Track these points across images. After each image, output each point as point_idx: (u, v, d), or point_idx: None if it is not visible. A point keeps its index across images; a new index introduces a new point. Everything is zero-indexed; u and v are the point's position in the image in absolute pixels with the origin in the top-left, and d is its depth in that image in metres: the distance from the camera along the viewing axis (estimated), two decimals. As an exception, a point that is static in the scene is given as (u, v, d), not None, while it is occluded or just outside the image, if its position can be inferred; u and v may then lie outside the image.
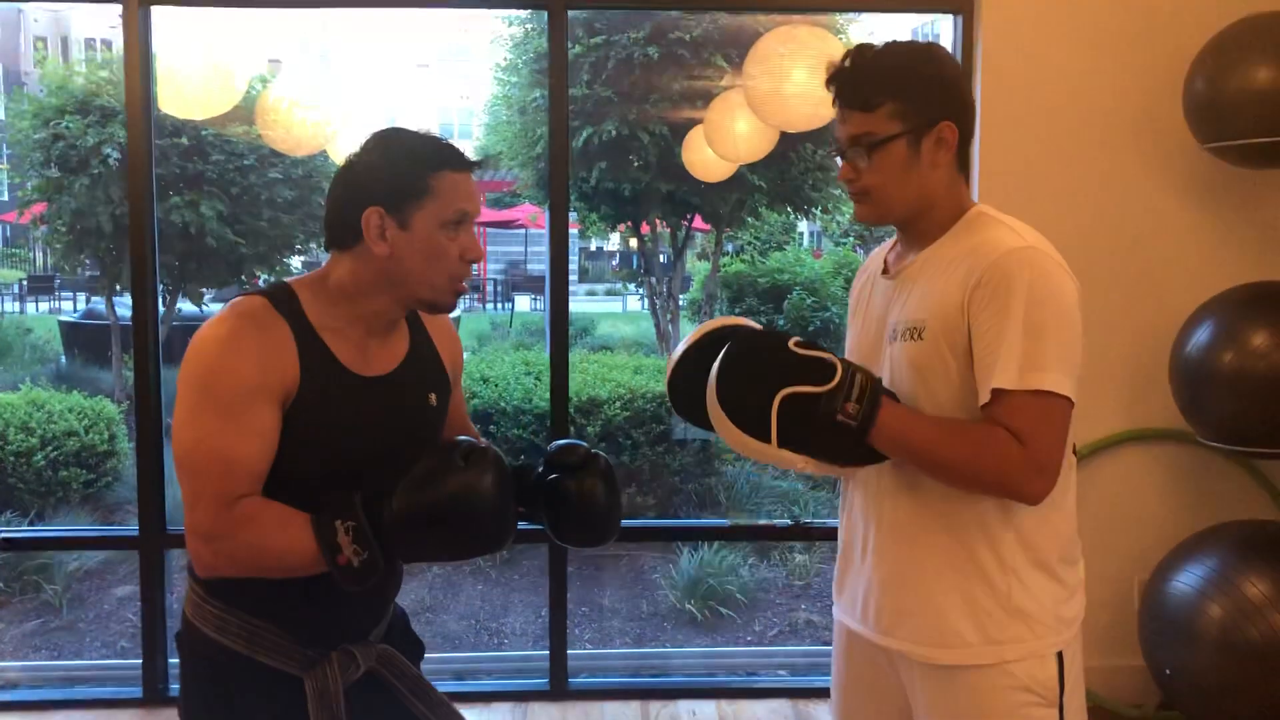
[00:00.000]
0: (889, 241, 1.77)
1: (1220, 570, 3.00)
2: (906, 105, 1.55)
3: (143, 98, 3.36)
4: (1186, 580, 3.04)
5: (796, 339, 1.48)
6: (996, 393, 1.46)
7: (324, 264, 1.60)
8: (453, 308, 1.60)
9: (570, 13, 3.41)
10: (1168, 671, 3.07)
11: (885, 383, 1.58)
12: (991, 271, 1.49)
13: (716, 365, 1.49)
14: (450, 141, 1.57)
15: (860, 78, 1.57)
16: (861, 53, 1.59)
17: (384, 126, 1.60)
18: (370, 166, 1.53)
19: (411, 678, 1.69)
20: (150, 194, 3.42)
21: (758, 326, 1.64)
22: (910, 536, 1.59)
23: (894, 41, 1.61)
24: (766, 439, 1.44)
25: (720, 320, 1.68)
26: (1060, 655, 1.57)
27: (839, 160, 1.62)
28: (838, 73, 1.59)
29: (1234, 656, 2.90)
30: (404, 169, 1.51)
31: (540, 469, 1.65)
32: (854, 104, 1.57)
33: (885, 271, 1.69)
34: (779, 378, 1.44)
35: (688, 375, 1.63)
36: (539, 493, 1.63)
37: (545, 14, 3.45)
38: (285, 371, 1.48)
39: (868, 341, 1.68)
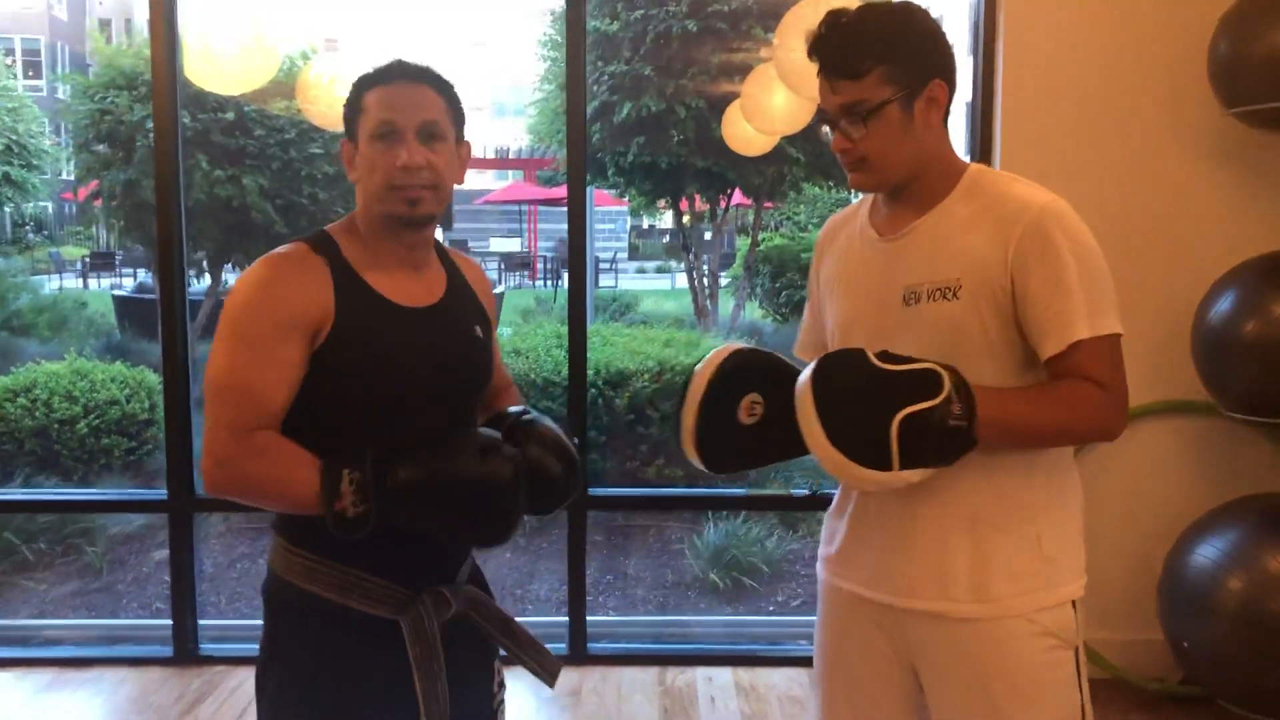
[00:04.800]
0: (852, 208, 1.75)
1: (1241, 544, 2.96)
2: (896, 68, 1.52)
3: (169, 74, 3.42)
4: (1207, 553, 3.00)
5: (876, 353, 1.44)
6: (1075, 344, 1.48)
7: None
8: (415, 220, 1.59)
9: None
10: (1185, 645, 3.03)
11: (909, 345, 1.54)
12: (1032, 229, 1.50)
13: (809, 404, 1.42)
14: (396, 61, 1.61)
15: (844, 45, 1.54)
16: (838, 19, 1.55)
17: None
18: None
19: (500, 619, 1.71)
20: (177, 169, 3.48)
21: (753, 349, 1.62)
22: (932, 496, 1.57)
23: (869, 4, 1.58)
24: (888, 466, 1.39)
25: (716, 356, 1.60)
26: (1074, 604, 1.61)
27: (827, 131, 1.59)
28: (818, 42, 1.56)
29: (1253, 630, 2.86)
30: (351, 96, 1.60)
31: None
32: (842, 72, 1.53)
33: (880, 235, 1.65)
34: (889, 401, 1.39)
35: (714, 421, 1.57)
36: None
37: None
38: (317, 306, 1.52)
39: (868, 307, 1.63)
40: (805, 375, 1.46)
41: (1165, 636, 3.12)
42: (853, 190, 1.76)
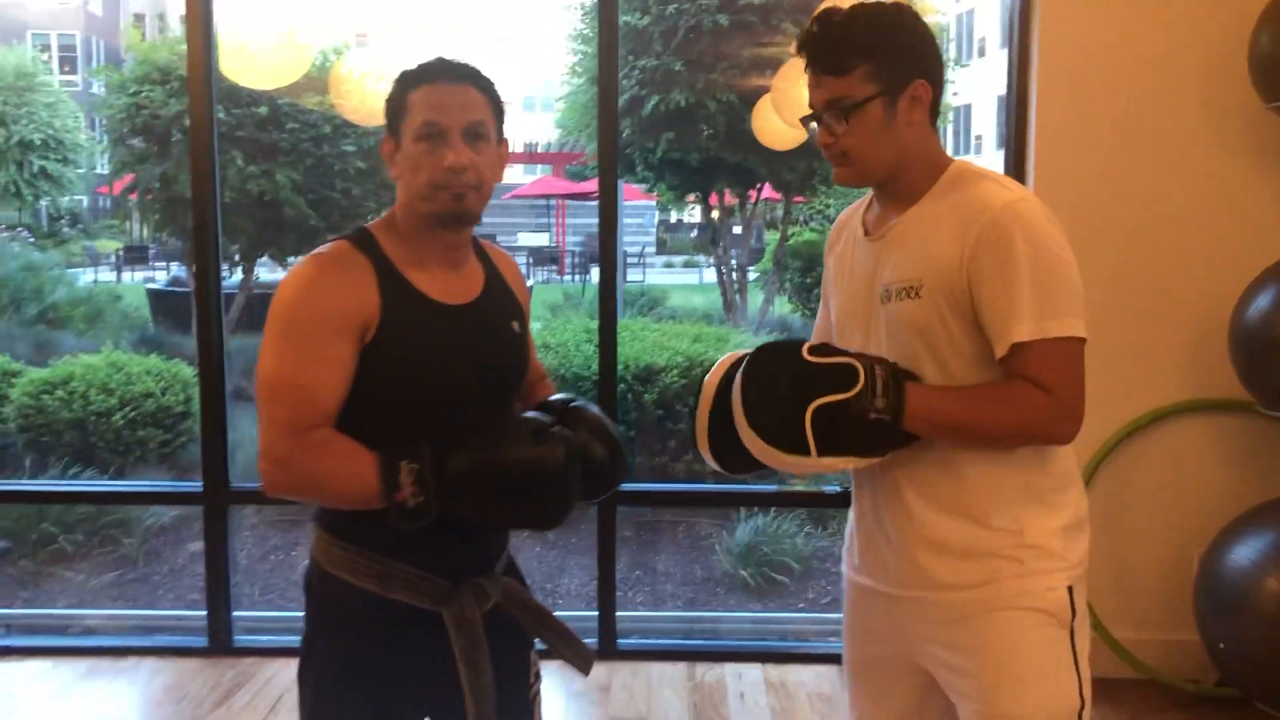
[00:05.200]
0: (858, 204, 1.78)
1: (1278, 544, 2.92)
2: (879, 66, 1.56)
3: (204, 69, 3.45)
4: (1244, 554, 2.97)
5: (809, 344, 1.51)
6: (1016, 346, 1.49)
7: None
8: (458, 219, 1.60)
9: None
10: (1221, 645, 3.00)
11: (884, 342, 1.62)
12: (989, 229, 1.51)
13: (738, 392, 1.52)
14: (440, 60, 1.61)
15: (831, 42, 1.59)
16: (830, 16, 1.60)
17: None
18: (385, 99, 1.62)
19: (534, 609, 1.73)
20: (212, 164, 3.51)
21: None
22: (918, 488, 1.62)
23: (861, 3, 1.61)
24: (806, 452, 1.47)
25: (723, 364, 1.67)
26: (1070, 589, 1.61)
27: (813, 125, 1.64)
28: (808, 38, 1.61)
29: (1290, 632, 2.83)
30: (394, 93, 1.60)
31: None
32: (827, 69, 1.58)
33: (867, 233, 1.70)
34: (804, 392, 1.47)
35: (726, 424, 1.60)
36: None
37: (596, -21, 3.45)
38: (365, 305, 1.54)
39: (857, 305, 1.69)
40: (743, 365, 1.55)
41: (1201, 637, 3.09)
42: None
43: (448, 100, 1.56)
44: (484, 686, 1.60)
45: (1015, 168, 3.31)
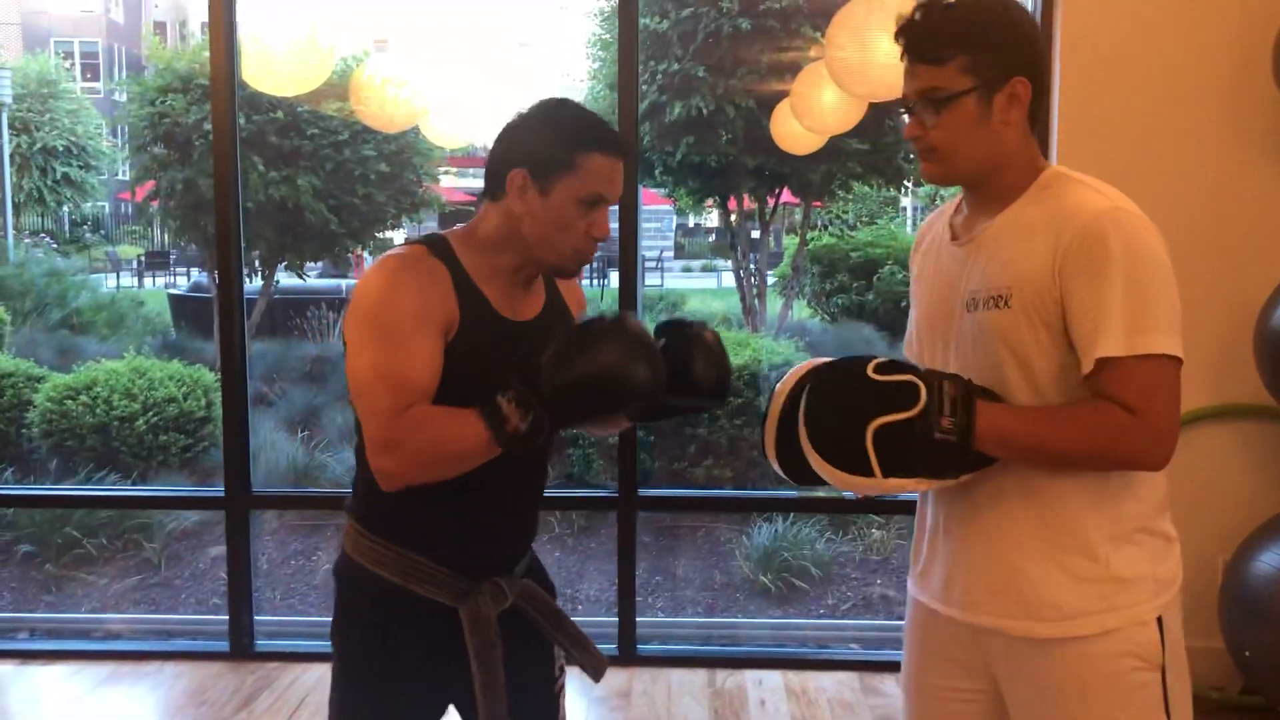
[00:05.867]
0: (946, 206, 1.71)
1: (1305, 551, 2.89)
2: (978, 59, 1.49)
3: (227, 76, 3.47)
4: (1270, 560, 2.94)
5: (877, 361, 1.45)
6: (1102, 362, 1.41)
7: (476, 215, 1.68)
8: (574, 275, 1.69)
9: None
10: (1247, 654, 2.97)
11: (968, 353, 1.54)
12: (1083, 235, 1.44)
13: (802, 411, 1.47)
14: (608, 126, 1.62)
15: (930, 30, 1.51)
16: (933, 6, 1.53)
17: (557, 96, 1.67)
18: (529, 129, 1.60)
19: (552, 612, 1.77)
20: (235, 169, 3.53)
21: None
22: (998, 510, 1.54)
23: None
24: (871, 473, 1.42)
25: (799, 370, 1.59)
26: (1160, 620, 1.53)
27: (905, 117, 1.57)
28: (906, 25, 1.54)
29: (1318, 640, 2.80)
30: (556, 140, 1.57)
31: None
32: (923, 57, 1.52)
33: (955, 238, 1.63)
34: (865, 410, 1.41)
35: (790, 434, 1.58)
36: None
37: (616, -16, 3.45)
38: (447, 307, 1.56)
39: (940, 312, 1.61)
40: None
41: (1226, 644, 3.06)
42: (919, 184, 1.72)
43: (616, 176, 1.60)
44: (495, 684, 1.63)
45: (1037, 171, 3.29)
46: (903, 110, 1.57)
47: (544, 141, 1.58)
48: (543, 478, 1.78)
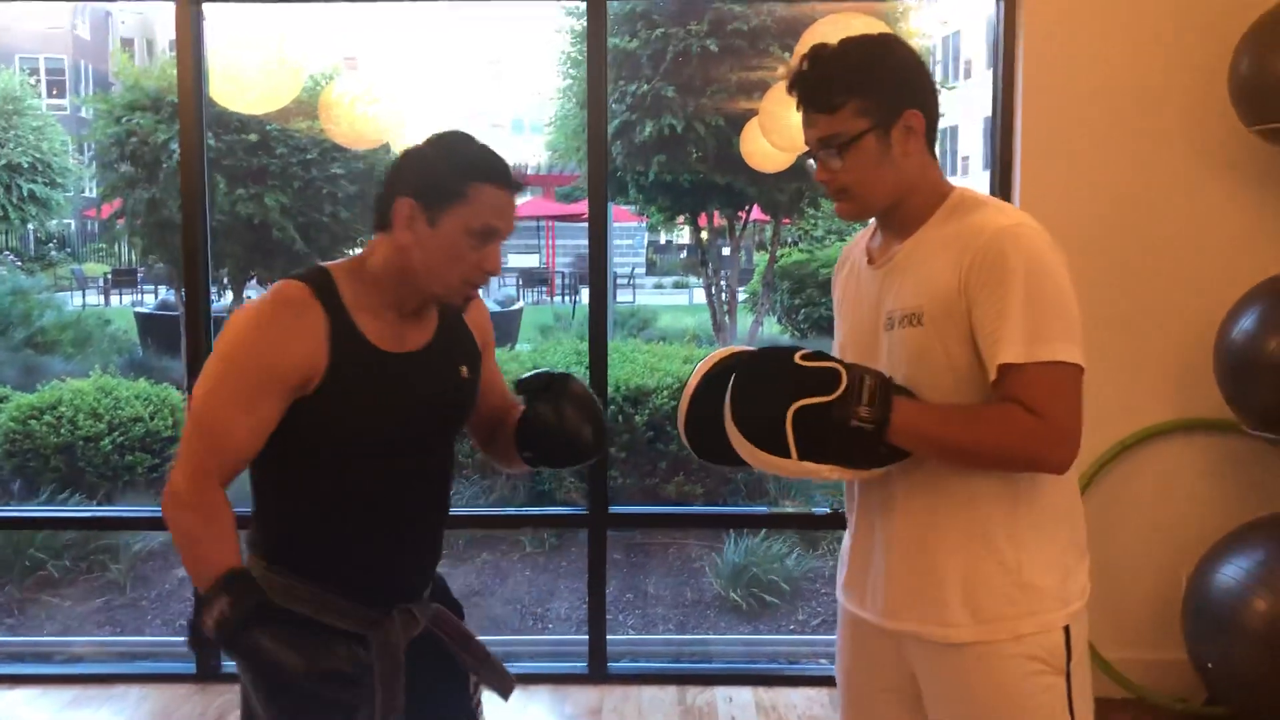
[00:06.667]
0: (863, 232, 1.79)
1: (1266, 563, 2.93)
2: (869, 101, 1.56)
3: (195, 93, 3.46)
4: (1231, 573, 2.98)
5: (803, 351, 1.51)
6: (1004, 368, 1.48)
7: (365, 247, 1.69)
8: (461, 308, 1.69)
9: (613, 3, 3.43)
10: (1209, 665, 3.01)
11: (886, 371, 1.59)
12: (985, 251, 1.50)
13: (729, 389, 1.53)
14: (502, 159, 1.63)
15: (820, 81, 1.58)
16: (818, 54, 1.60)
17: (450, 128, 1.67)
18: (419, 159, 1.61)
19: (460, 635, 1.81)
20: (202, 188, 3.52)
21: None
22: (916, 518, 1.61)
23: (848, 38, 1.62)
24: (787, 454, 1.47)
25: (721, 352, 1.70)
26: (1067, 629, 1.59)
27: (811, 163, 1.64)
28: (797, 78, 1.62)
29: (1278, 651, 2.84)
30: (446, 170, 1.57)
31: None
32: (818, 107, 1.59)
33: (871, 262, 1.70)
34: (788, 392, 1.46)
35: (702, 415, 1.66)
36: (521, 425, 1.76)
37: (586, 3, 3.47)
38: (310, 359, 1.57)
39: (863, 333, 1.69)
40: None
41: (1189, 656, 3.10)
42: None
43: (508, 209, 1.61)
44: (396, 707, 1.66)
45: (1001, 189, 3.34)
46: (808, 157, 1.64)
47: (434, 171, 1.58)
48: (446, 507, 1.80)
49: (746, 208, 9.95)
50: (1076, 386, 1.49)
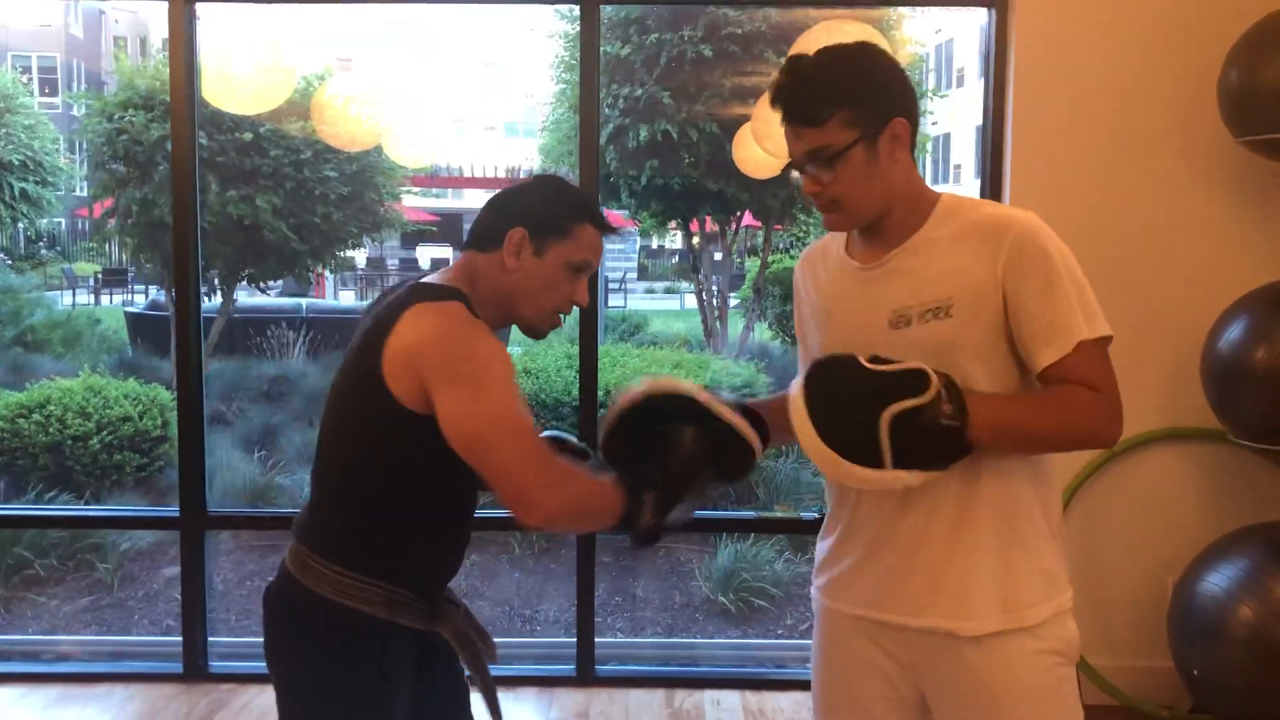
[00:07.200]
0: (824, 242, 1.78)
1: (1252, 572, 2.95)
2: (856, 111, 1.55)
3: (187, 93, 3.46)
4: (1217, 581, 3.00)
5: (868, 355, 1.48)
6: (1078, 346, 1.52)
7: (455, 267, 1.73)
8: (543, 335, 1.78)
9: (606, 8, 3.44)
10: (1195, 672, 3.02)
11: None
12: (1020, 241, 1.53)
13: (803, 408, 1.47)
14: (599, 206, 1.82)
15: (805, 94, 1.57)
16: (798, 66, 1.59)
17: (555, 174, 1.84)
18: (531, 195, 1.73)
19: (478, 629, 1.86)
20: (194, 187, 3.51)
21: (684, 386, 1.67)
22: (946, 514, 1.59)
23: (827, 48, 1.61)
24: (881, 463, 1.44)
25: (639, 390, 1.68)
26: (1070, 613, 1.63)
27: (797, 175, 1.62)
28: (780, 91, 1.59)
29: (1263, 658, 2.86)
30: (557, 207, 1.71)
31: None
32: (804, 120, 1.57)
33: (861, 265, 1.67)
34: (878, 399, 1.43)
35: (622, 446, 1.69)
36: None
37: (579, 8, 3.48)
38: None
39: (857, 334, 1.64)
40: (798, 380, 1.52)
41: (1175, 664, 3.11)
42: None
43: (600, 248, 1.75)
44: (491, 684, 1.76)
45: (991, 196, 3.35)
46: (794, 170, 1.62)
47: (547, 207, 1.70)
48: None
49: (738, 213, 9.97)
50: (1110, 360, 1.56)
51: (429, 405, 1.54)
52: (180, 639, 3.63)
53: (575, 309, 1.75)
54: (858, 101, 1.55)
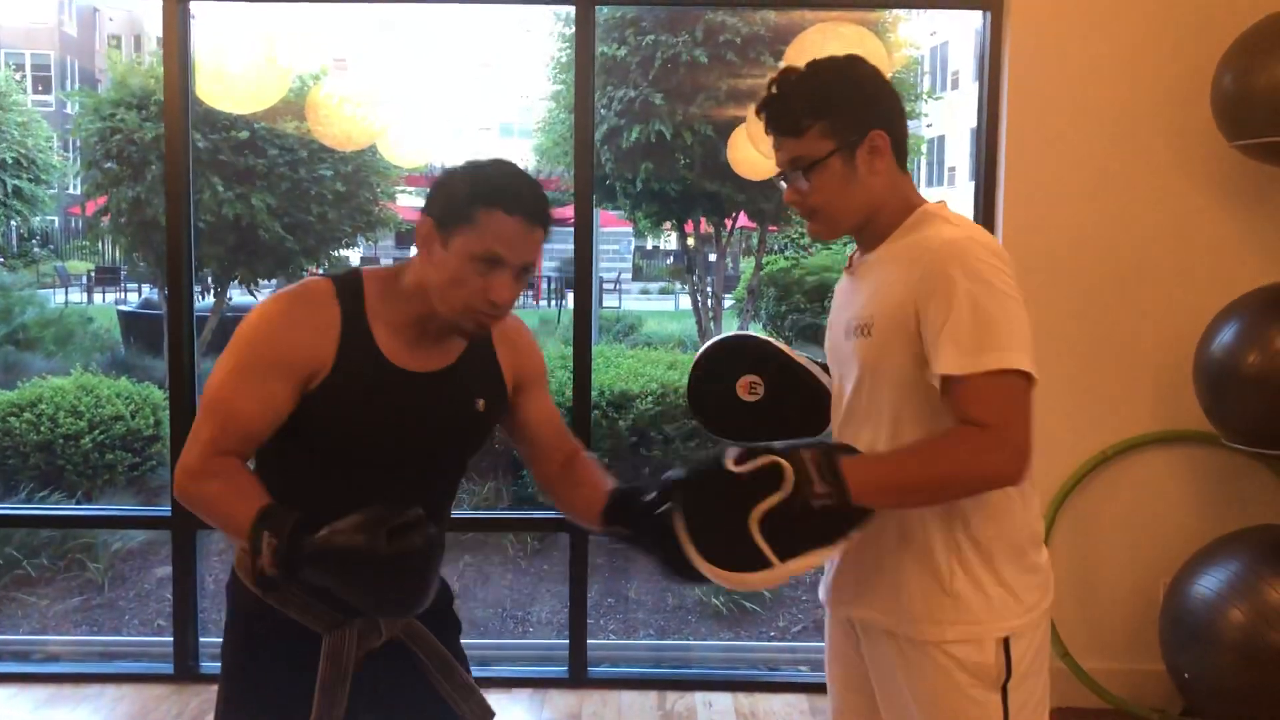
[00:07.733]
0: None
1: (1243, 575, 2.95)
2: (833, 123, 1.59)
3: (181, 92, 3.45)
4: (1209, 584, 3.00)
5: (732, 454, 1.43)
6: (948, 380, 1.46)
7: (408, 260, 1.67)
8: (471, 336, 1.63)
9: (602, 9, 3.44)
10: (1186, 675, 3.03)
11: (849, 377, 1.64)
12: (930, 263, 1.51)
13: (682, 529, 1.44)
14: (527, 188, 1.56)
15: (785, 105, 1.62)
16: (785, 78, 1.63)
17: (499, 156, 1.63)
18: (444, 181, 1.58)
19: (440, 656, 1.74)
20: (187, 186, 3.50)
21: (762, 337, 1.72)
22: (893, 518, 1.61)
23: (815, 61, 1.64)
24: (768, 564, 1.40)
25: (718, 337, 1.76)
26: (1006, 644, 1.57)
27: (783, 184, 1.67)
28: (764, 101, 1.65)
29: (1255, 661, 2.86)
30: (460, 193, 1.54)
31: (653, 496, 1.60)
32: (784, 131, 1.62)
33: (850, 270, 1.75)
34: (745, 503, 1.40)
35: (713, 390, 1.83)
36: (650, 521, 1.57)
37: (575, 9, 3.48)
38: (316, 357, 1.57)
39: (837, 338, 1.72)
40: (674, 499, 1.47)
41: (1166, 667, 3.11)
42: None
43: (519, 239, 1.53)
44: (333, 714, 1.65)
45: (985, 200, 3.36)
46: (780, 178, 1.67)
47: (451, 193, 1.55)
48: (443, 525, 1.71)
49: (733, 215, 9.97)
50: (1024, 395, 1.46)
51: None
52: (171, 639, 3.62)
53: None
54: (835, 114, 1.59)
